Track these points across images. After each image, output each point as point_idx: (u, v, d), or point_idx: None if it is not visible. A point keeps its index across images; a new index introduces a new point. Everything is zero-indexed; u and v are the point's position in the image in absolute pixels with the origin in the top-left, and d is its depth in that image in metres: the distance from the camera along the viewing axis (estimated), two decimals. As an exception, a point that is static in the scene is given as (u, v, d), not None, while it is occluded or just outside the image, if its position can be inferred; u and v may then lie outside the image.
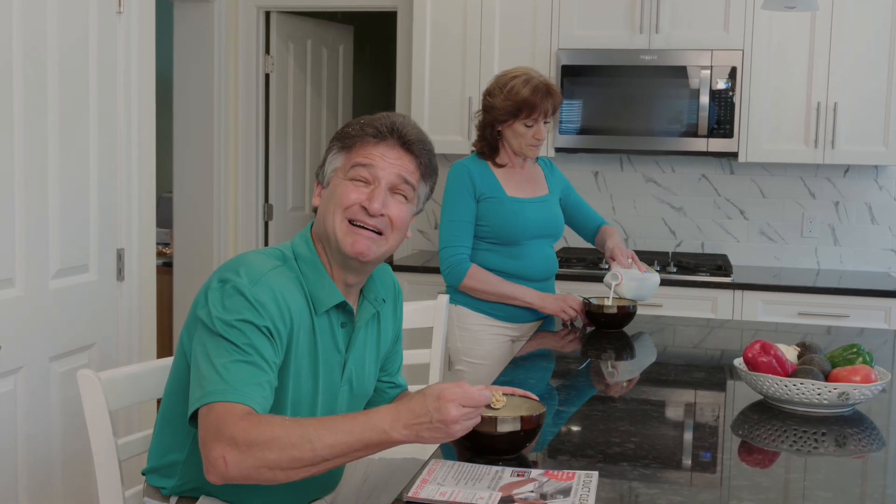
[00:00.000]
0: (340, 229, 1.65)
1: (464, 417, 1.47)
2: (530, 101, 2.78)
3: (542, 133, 2.85)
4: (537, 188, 2.97)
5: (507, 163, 2.91)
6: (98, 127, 2.74)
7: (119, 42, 2.83)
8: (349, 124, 1.70)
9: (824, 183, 4.29)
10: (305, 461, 1.45)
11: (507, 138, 2.87)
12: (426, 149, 1.70)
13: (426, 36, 4.24)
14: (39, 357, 2.55)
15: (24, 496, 2.51)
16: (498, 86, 2.85)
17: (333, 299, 1.67)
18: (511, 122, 2.82)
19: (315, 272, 1.67)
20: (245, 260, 1.63)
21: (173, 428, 1.69)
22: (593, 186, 4.48)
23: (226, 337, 1.53)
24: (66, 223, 2.61)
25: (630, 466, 1.62)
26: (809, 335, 2.79)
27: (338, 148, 1.68)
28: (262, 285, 1.57)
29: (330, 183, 1.68)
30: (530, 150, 2.87)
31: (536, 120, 2.81)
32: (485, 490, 1.47)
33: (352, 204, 1.64)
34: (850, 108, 3.92)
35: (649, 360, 2.57)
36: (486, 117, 2.87)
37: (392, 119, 1.68)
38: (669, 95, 3.98)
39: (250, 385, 1.51)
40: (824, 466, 1.69)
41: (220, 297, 1.56)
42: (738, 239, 4.38)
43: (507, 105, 2.80)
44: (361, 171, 1.65)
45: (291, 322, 1.60)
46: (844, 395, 1.90)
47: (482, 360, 2.89)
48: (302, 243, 1.70)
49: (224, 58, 4.66)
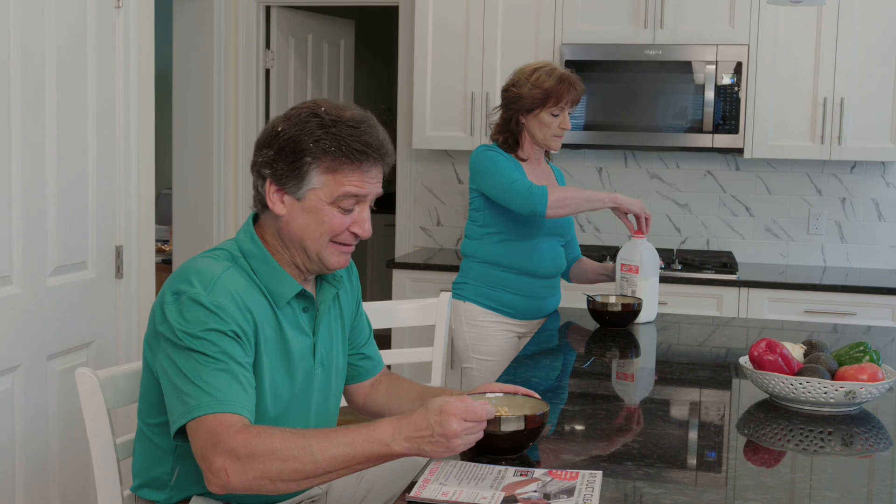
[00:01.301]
0: (327, 252, 1.66)
1: (465, 432, 1.48)
2: (557, 89, 2.82)
3: (567, 123, 2.89)
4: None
5: (528, 157, 2.93)
6: (96, 122, 2.73)
7: (118, 37, 2.82)
8: (321, 137, 1.59)
9: (831, 179, 4.27)
10: (307, 473, 1.46)
11: (531, 129, 2.89)
12: (393, 156, 1.70)
13: (428, 30, 4.22)
14: (37, 355, 2.53)
15: (22, 495, 2.50)
16: (523, 75, 2.89)
17: (292, 290, 1.67)
18: (537, 111, 2.85)
19: (267, 267, 1.66)
20: (195, 267, 1.61)
21: (153, 442, 1.69)
22: (597, 182, 4.46)
23: (195, 349, 1.54)
24: (63, 220, 2.60)
25: (634, 466, 1.61)
26: (816, 333, 2.78)
27: (317, 166, 1.61)
28: (218, 290, 1.57)
29: (306, 200, 1.62)
30: (554, 140, 2.90)
31: (563, 109, 2.86)
32: (487, 490, 1.46)
33: (343, 231, 1.65)
34: (856, 104, 3.90)
35: (654, 359, 2.56)
36: (511, 108, 2.89)
37: (369, 133, 1.62)
38: (674, 91, 3.96)
39: (233, 392, 1.52)
40: (831, 466, 1.68)
41: (179, 309, 1.56)
42: (743, 236, 4.36)
43: (534, 93, 2.83)
44: (350, 201, 1.63)
45: (254, 320, 1.60)
46: (851, 393, 1.88)
47: (490, 356, 2.90)
48: (248, 240, 1.69)
49: (224, 53, 4.64)
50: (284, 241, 1.67)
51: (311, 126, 1.60)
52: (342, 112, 1.63)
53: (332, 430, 1.51)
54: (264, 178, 1.64)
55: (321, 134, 1.59)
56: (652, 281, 2.86)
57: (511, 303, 2.90)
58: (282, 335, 1.66)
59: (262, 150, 1.64)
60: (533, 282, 2.91)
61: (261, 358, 1.62)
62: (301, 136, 1.60)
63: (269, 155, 1.63)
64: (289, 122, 1.62)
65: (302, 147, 1.60)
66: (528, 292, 2.91)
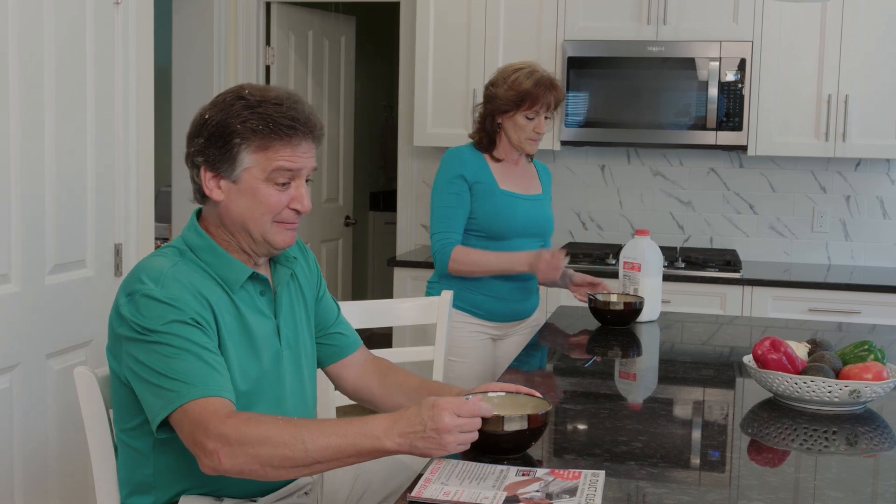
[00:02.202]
0: (271, 231, 1.69)
1: (458, 429, 1.48)
2: (533, 92, 2.77)
3: (542, 127, 2.82)
4: (531, 186, 2.93)
5: (503, 157, 2.87)
6: (95, 119, 2.72)
7: (117, 33, 2.81)
8: (248, 118, 1.63)
9: (835, 177, 4.25)
10: (297, 461, 1.48)
11: (507, 130, 2.84)
12: (323, 129, 1.73)
13: (429, 27, 4.21)
14: (36, 354, 2.53)
15: (20, 494, 2.49)
16: (502, 76, 2.84)
17: (243, 274, 1.69)
18: (512, 113, 2.80)
19: (215, 256, 1.69)
20: (143, 266, 1.65)
21: (132, 447, 1.70)
22: (600, 180, 4.45)
23: (159, 342, 1.56)
24: (62, 218, 2.59)
25: (637, 465, 1.61)
26: (820, 332, 2.78)
27: (247, 146, 1.63)
28: (169, 283, 1.60)
29: (241, 181, 1.66)
30: (529, 144, 2.84)
31: (538, 112, 2.80)
32: (489, 489, 1.45)
33: (283, 209, 1.68)
34: (861, 101, 3.87)
35: (657, 357, 2.55)
36: (488, 108, 2.85)
37: (295, 109, 1.66)
38: (677, 88, 3.94)
39: (208, 376, 1.55)
40: (835, 466, 1.68)
41: (135, 309, 1.59)
42: (747, 234, 4.34)
43: (509, 95, 2.78)
44: (285, 175, 1.66)
45: (211, 307, 1.63)
46: (856, 392, 1.88)
47: (461, 357, 2.84)
48: (193, 235, 1.72)
49: (224, 49, 4.62)
50: (228, 226, 1.70)
51: (236, 108, 1.64)
52: (266, 92, 1.67)
53: (326, 420, 1.53)
54: (198, 166, 1.68)
55: (248, 115, 1.63)
56: (655, 279, 2.84)
57: (482, 304, 2.85)
58: (242, 320, 1.68)
59: (194, 139, 1.68)
60: (505, 284, 2.85)
61: (224, 344, 1.64)
62: (228, 119, 1.64)
63: (201, 143, 1.66)
64: (215, 108, 1.66)
65: (230, 130, 1.64)
66: (500, 294, 2.86)
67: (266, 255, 1.75)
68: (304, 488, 1.83)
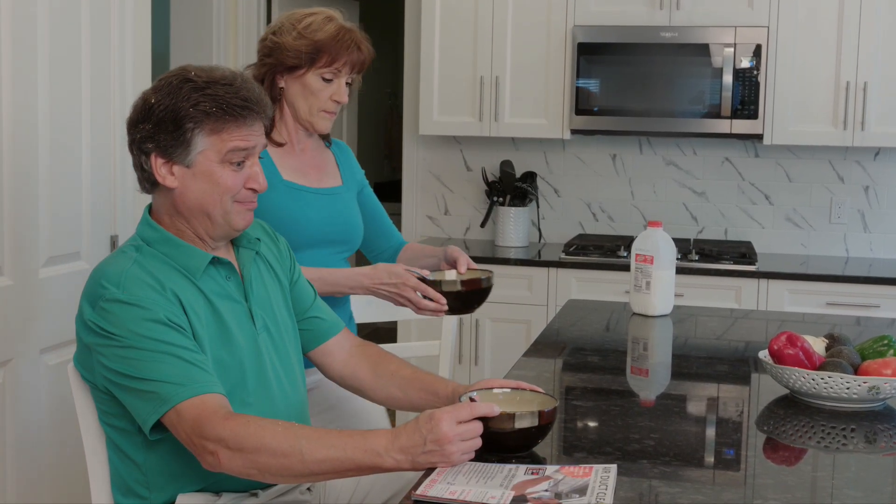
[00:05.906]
0: (232, 212, 1.68)
1: (459, 437, 1.46)
2: (333, 45, 2.12)
3: (342, 95, 2.18)
4: (325, 177, 2.27)
5: (285, 141, 2.22)
6: (91, 109, 2.71)
7: (113, 22, 2.80)
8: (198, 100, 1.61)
9: (854, 166, 4.18)
10: (295, 471, 1.49)
11: (292, 99, 2.17)
12: (271, 108, 1.74)
13: (436, 13, 4.16)
14: (29, 349, 2.52)
15: (13, 489, 2.48)
16: (290, 21, 2.16)
17: (203, 260, 1.67)
18: (303, 71, 2.13)
19: (172, 247, 1.67)
20: (101, 271, 1.63)
21: (120, 450, 1.68)
22: (611, 170, 4.39)
23: (133, 346, 1.54)
24: (56, 209, 2.58)
25: (650, 464, 1.59)
26: (838, 326, 2.74)
27: (200, 129, 1.62)
28: (130, 282, 1.58)
29: (196, 165, 1.64)
30: (323, 118, 2.19)
31: (338, 73, 2.15)
32: (497, 489, 1.42)
33: (240, 189, 1.67)
34: (880, 88, 3.81)
35: (669, 353, 2.51)
36: (266, 64, 2.16)
37: (246, 88, 1.65)
38: (691, 74, 3.89)
39: (192, 374, 1.54)
40: (854, 464, 1.66)
41: (101, 317, 1.57)
42: (763, 225, 4.28)
43: (300, 44, 2.12)
44: (239, 154, 1.65)
45: (178, 298, 1.61)
46: (875, 389, 1.85)
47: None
48: (147, 229, 1.70)
49: (224, 38, 4.57)
50: (184, 213, 1.68)
51: (185, 91, 1.62)
52: (213, 73, 1.65)
53: (327, 431, 1.52)
54: (148, 153, 1.65)
55: (198, 97, 1.62)
56: (668, 272, 2.78)
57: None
58: (211, 307, 1.66)
59: (139, 125, 1.65)
60: None
61: (199, 334, 1.62)
62: (178, 103, 1.62)
63: (148, 129, 1.63)
64: (161, 92, 1.64)
65: (182, 114, 1.61)
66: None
67: (224, 239, 1.73)
68: (307, 483, 1.81)
